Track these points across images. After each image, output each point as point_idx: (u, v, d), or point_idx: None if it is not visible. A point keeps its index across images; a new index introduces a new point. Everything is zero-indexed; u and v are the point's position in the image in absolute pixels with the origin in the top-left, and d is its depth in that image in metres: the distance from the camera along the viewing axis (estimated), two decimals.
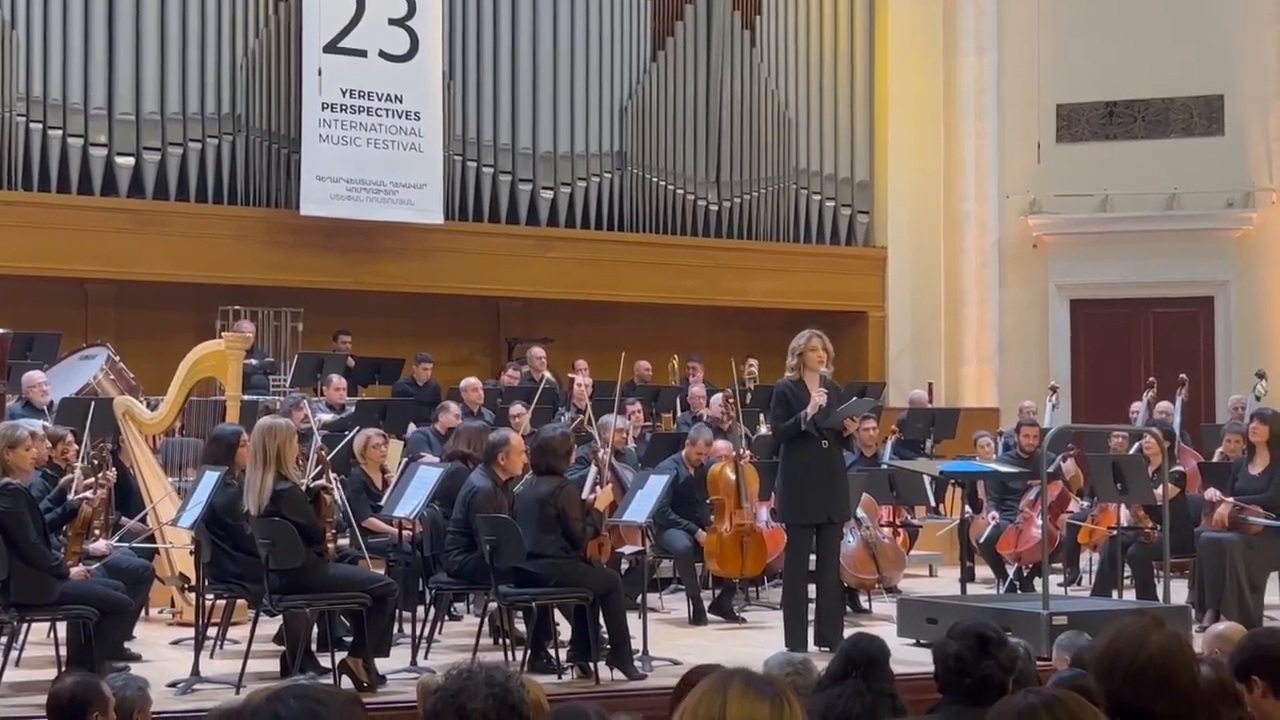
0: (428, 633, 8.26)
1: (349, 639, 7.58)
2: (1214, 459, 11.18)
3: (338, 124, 14.09)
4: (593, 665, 7.63)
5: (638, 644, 7.84)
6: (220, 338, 10.69)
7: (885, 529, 10.63)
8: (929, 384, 16.23)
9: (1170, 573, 9.26)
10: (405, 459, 10.25)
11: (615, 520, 8.80)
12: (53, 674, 6.60)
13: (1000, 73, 16.99)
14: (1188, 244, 16.47)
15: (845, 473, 8.95)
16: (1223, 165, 16.45)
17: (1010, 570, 11.10)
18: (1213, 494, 9.76)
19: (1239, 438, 10.20)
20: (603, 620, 7.66)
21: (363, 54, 14.25)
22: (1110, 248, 16.58)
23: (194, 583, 7.87)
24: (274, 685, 2.20)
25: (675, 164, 16.07)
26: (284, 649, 7.54)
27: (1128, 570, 10.11)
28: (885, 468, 11.42)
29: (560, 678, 7.61)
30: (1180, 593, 9.80)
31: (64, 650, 7.32)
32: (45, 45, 13.39)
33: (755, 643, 8.78)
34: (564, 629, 8.04)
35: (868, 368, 16.62)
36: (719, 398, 12.16)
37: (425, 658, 7.94)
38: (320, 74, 13.98)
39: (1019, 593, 10.67)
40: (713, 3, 16.32)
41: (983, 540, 11.07)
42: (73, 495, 7.89)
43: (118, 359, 11.78)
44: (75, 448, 8.64)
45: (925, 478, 11.32)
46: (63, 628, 7.40)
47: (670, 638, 8.84)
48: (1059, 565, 11.13)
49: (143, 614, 8.47)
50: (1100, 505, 10.77)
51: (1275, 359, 15.95)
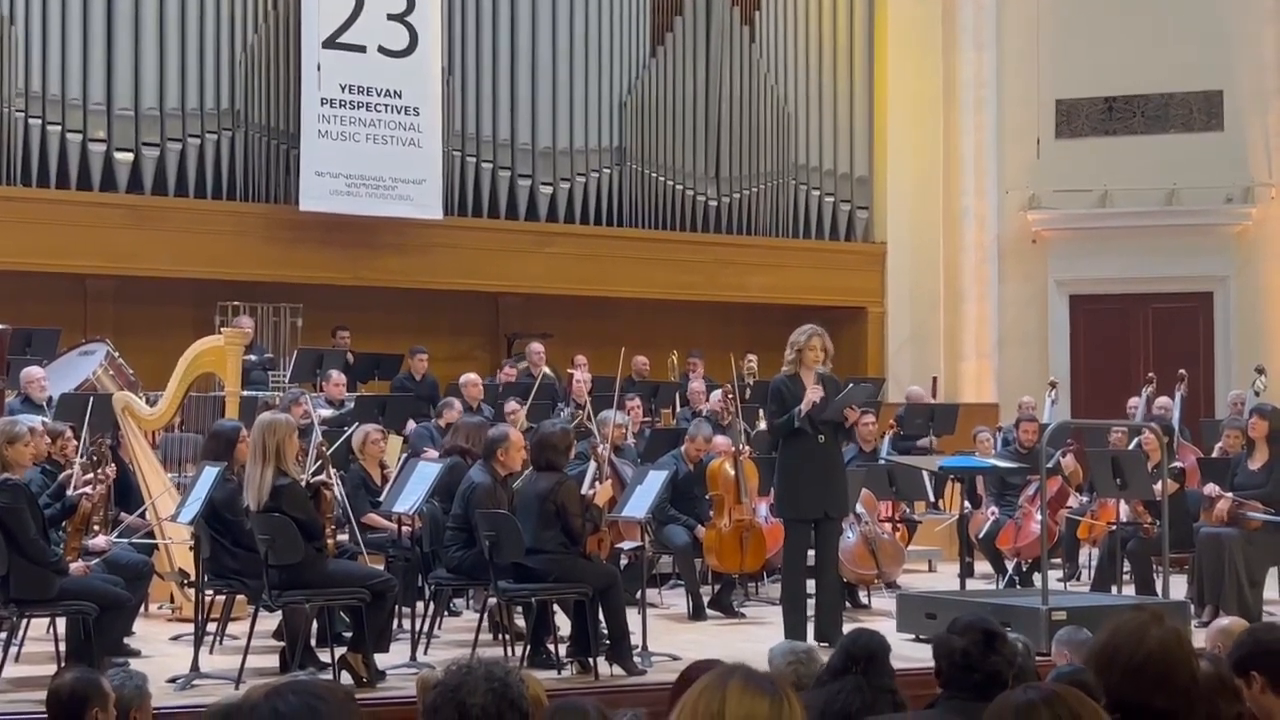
0: (427, 628, 8.27)
1: (348, 634, 7.58)
2: (1213, 454, 11.18)
3: (337, 119, 14.08)
4: (592, 661, 7.63)
5: (637, 639, 7.85)
6: (219, 333, 10.70)
7: (884, 524, 10.63)
8: (933, 378, 16.23)
9: (1169, 568, 9.27)
10: (405, 455, 10.25)
11: (614, 516, 8.81)
12: (52, 670, 6.61)
13: (999, 68, 16.99)
14: (1187, 239, 16.47)
15: (843, 468, 8.95)
16: (1222, 161, 16.46)
17: (1009, 565, 11.11)
18: (1212, 489, 9.77)
19: (1238, 433, 10.20)
20: (602, 616, 7.66)
21: (362, 49, 14.24)
22: (1109, 243, 16.58)
23: (193, 578, 7.87)
24: (273, 681, 2.19)
25: (675, 159, 16.07)
26: (283, 644, 7.55)
27: (1127, 565, 10.12)
28: (884, 463, 11.43)
29: (559, 673, 7.61)
30: (1179, 588, 9.81)
31: (63, 646, 7.32)
32: (44, 41, 13.38)
33: (755, 638, 8.78)
34: (563, 624, 8.04)
35: (867, 363, 16.61)
36: (718, 393, 12.16)
37: (425, 653, 7.95)
38: (319, 69, 13.97)
39: (1018, 588, 10.68)
40: None
41: (982, 535, 11.07)
42: (72, 491, 7.89)
43: (117, 354, 11.78)
44: (74, 443, 8.63)
45: (924, 473, 11.33)
46: (62, 623, 7.39)
47: (669, 633, 8.84)
48: (1058, 560, 11.13)
49: (142, 609, 8.48)
50: (1099, 500, 10.78)
51: (1274, 354, 15.95)
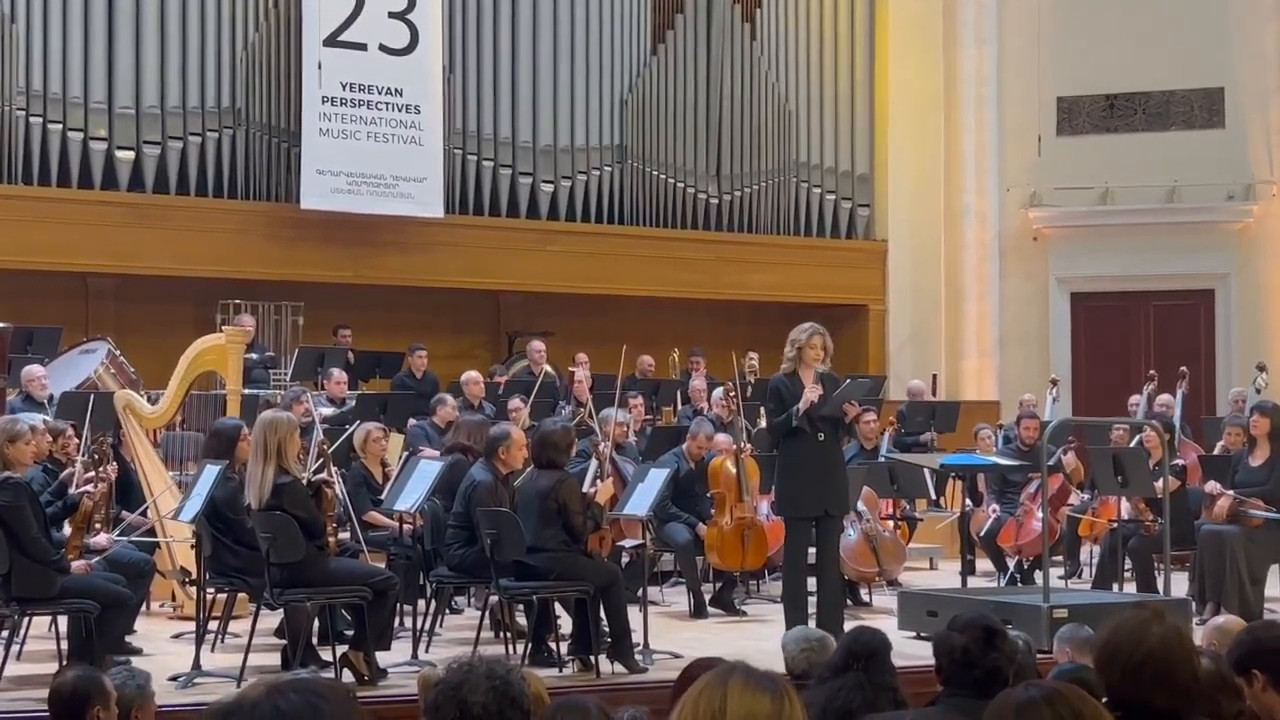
0: (428, 626, 8.27)
1: (350, 633, 7.59)
2: (1214, 452, 11.18)
3: (338, 118, 14.08)
4: (593, 659, 7.63)
5: (638, 637, 7.85)
6: (221, 332, 10.70)
7: (886, 522, 10.63)
8: (933, 375, 16.23)
9: (1170, 565, 9.27)
10: (406, 453, 10.25)
11: (616, 514, 8.81)
12: (54, 668, 6.61)
13: (1000, 65, 16.99)
14: (1188, 237, 16.47)
15: (843, 466, 8.93)
16: (1223, 158, 16.45)
17: (1011, 563, 11.10)
18: (1213, 487, 9.76)
19: (1239, 430, 10.19)
20: (603, 614, 7.66)
21: (363, 47, 14.24)
22: (1111, 240, 16.58)
23: (195, 577, 7.87)
24: (272, 678, 2.19)
25: (675, 157, 16.06)
26: (285, 643, 7.55)
27: (1128, 563, 10.12)
28: (885, 460, 11.42)
29: (561, 671, 7.61)
30: (1180, 585, 9.80)
31: (65, 644, 7.32)
32: (45, 39, 13.38)
33: (756, 636, 8.80)
34: (565, 622, 8.04)
35: (868, 361, 16.61)
36: (720, 392, 12.16)
37: (426, 651, 7.95)
38: (320, 68, 13.97)
39: (1019, 585, 10.67)
40: None
41: (983, 533, 11.07)
42: (73, 489, 7.90)
43: (118, 353, 11.78)
44: (75, 442, 8.63)
45: (926, 471, 11.33)
46: (64, 622, 7.40)
47: (671, 631, 8.84)
48: (1059, 558, 11.12)
49: (144, 608, 8.47)
50: (1101, 498, 10.78)
51: (1275, 352, 15.95)
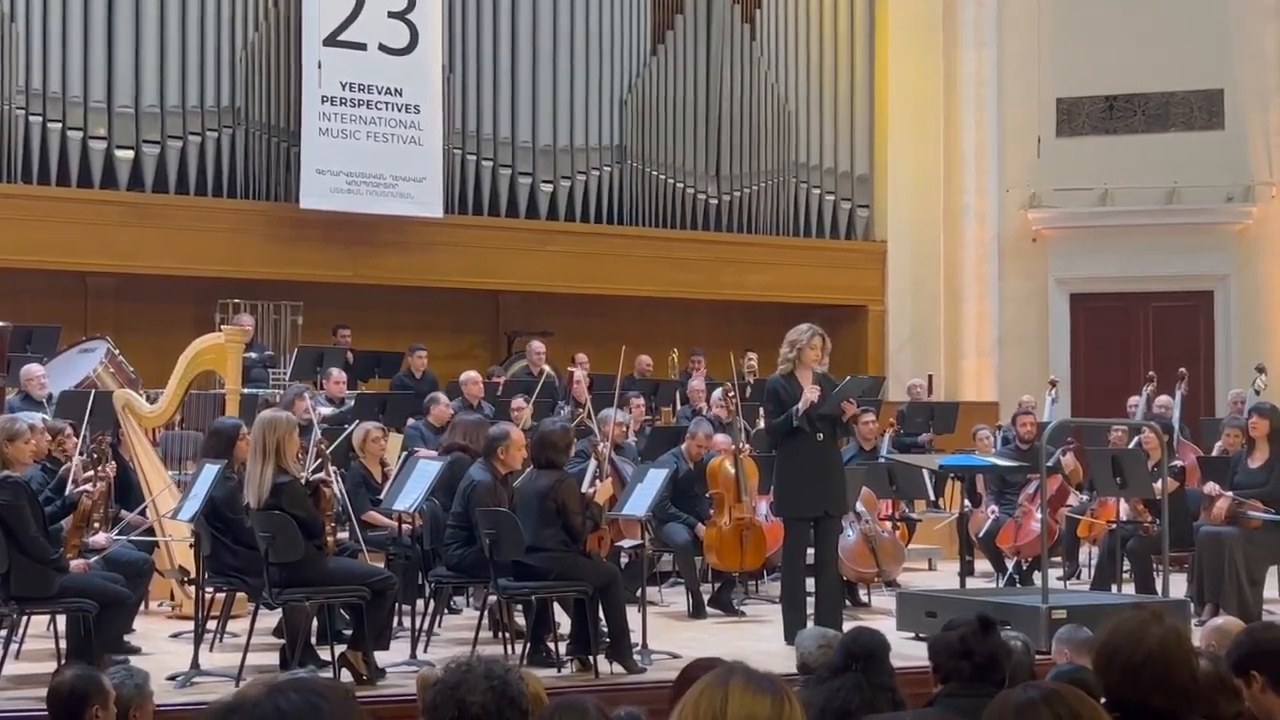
0: (427, 626, 8.27)
1: (348, 632, 7.58)
2: (1213, 453, 11.18)
3: (337, 117, 14.08)
4: (592, 659, 7.63)
5: (637, 637, 7.85)
6: (220, 331, 10.70)
7: (884, 523, 10.63)
8: (929, 376, 16.24)
9: (1169, 567, 9.27)
10: (404, 453, 10.25)
11: (615, 514, 8.81)
12: (52, 667, 6.61)
13: (1000, 66, 16.99)
14: (1187, 238, 16.47)
15: (841, 466, 8.94)
16: (1222, 159, 16.46)
17: (1009, 564, 11.11)
18: (1212, 488, 9.76)
19: (1238, 432, 10.19)
20: (602, 614, 7.66)
21: (362, 47, 14.24)
22: (1110, 242, 16.58)
23: (193, 576, 7.87)
24: (272, 677, 2.19)
25: (675, 158, 16.07)
26: (283, 642, 7.55)
27: (1127, 564, 10.12)
28: (884, 461, 11.43)
29: (559, 671, 7.61)
30: (1179, 587, 9.81)
31: (64, 643, 7.32)
32: (45, 38, 13.38)
33: (754, 636, 8.80)
34: (563, 622, 8.04)
35: (867, 362, 16.61)
36: (719, 392, 12.16)
37: (424, 651, 7.95)
38: (320, 67, 13.97)
39: (1018, 586, 10.68)
40: None
41: (982, 534, 11.07)
42: (71, 485, 7.89)
43: (117, 352, 11.78)
44: (74, 440, 8.63)
45: (925, 471, 11.33)
46: (62, 621, 7.39)
47: (669, 631, 8.83)
48: (1058, 559, 11.13)
49: (142, 607, 8.47)
50: (1099, 499, 10.78)
51: (1274, 353, 15.95)
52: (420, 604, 8.37)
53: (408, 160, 14.36)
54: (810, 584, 8.50)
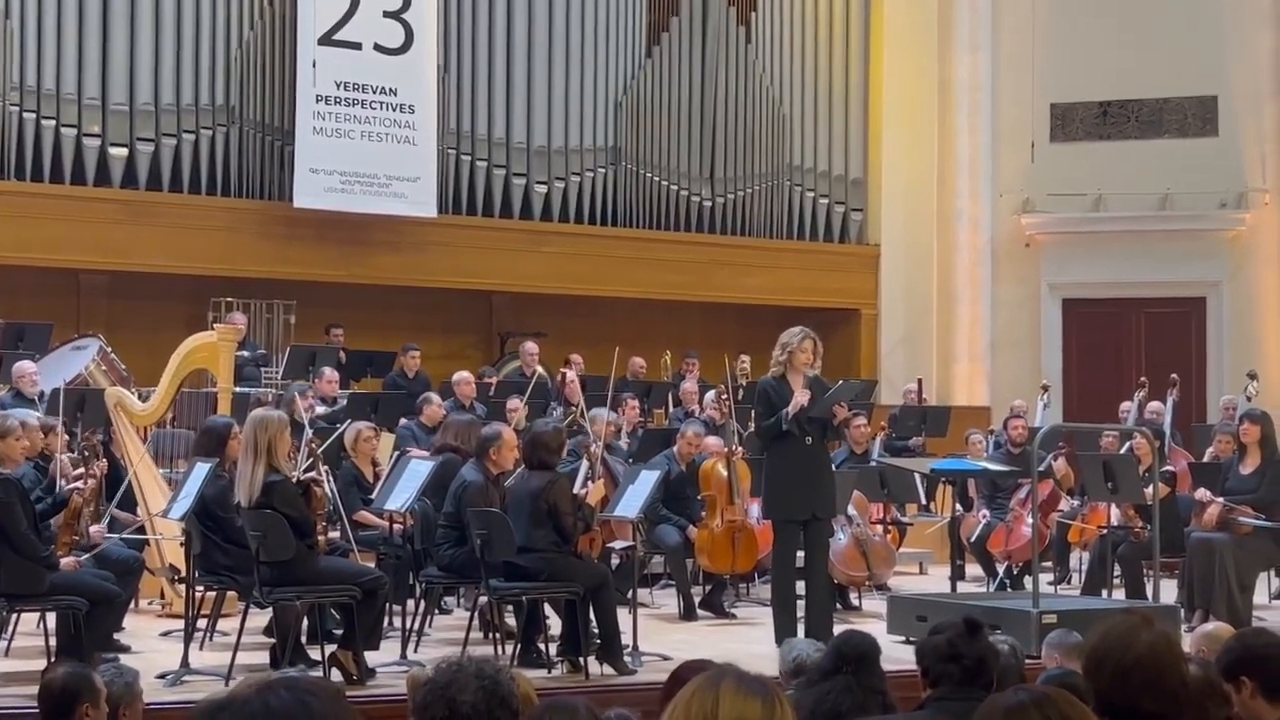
0: (418, 626, 8.27)
1: (339, 632, 7.58)
2: (1204, 459, 11.19)
3: (332, 116, 14.07)
4: (582, 660, 7.63)
5: (628, 639, 7.85)
6: (212, 329, 10.69)
7: (876, 526, 10.63)
8: (919, 380, 16.24)
9: (1160, 572, 9.27)
10: (396, 453, 10.24)
11: (606, 515, 8.81)
12: (42, 665, 6.60)
13: (994, 71, 17.01)
14: (1180, 244, 16.50)
15: (830, 469, 8.94)
16: (1216, 166, 16.48)
17: (1000, 568, 11.12)
18: (1203, 494, 9.77)
19: (1230, 438, 10.20)
20: (593, 615, 7.66)
21: (357, 46, 14.23)
22: (1103, 247, 16.61)
23: (184, 574, 7.86)
24: (261, 676, 2.19)
25: (669, 159, 16.07)
26: (273, 641, 7.54)
27: (1117, 569, 10.13)
28: (876, 465, 11.43)
29: (550, 672, 7.61)
30: (1170, 592, 9.81)
31: (53, 641, 7.31)
32: (39, 35, 13.36)
33: (745, 639, 8.80)
34: (554, 623, 8.04)
35: (860, 365, 16.62)
36: (713, 394, 12.16)
37: (415, 651, 7.94)
38: (315, 66, 13.96)
39: (1009, 591, 10.68)
40: None
41: (973, 538, 11.08)
42: (61, 481, 7.88)
43: (109, 350, 11.77)
44: (64, 438, 8.62)
45: (916, 475, 11.34)
46: (52, 618, 7.38)
47: (660, 633, 8.83)
48: (1049, 564, 11.13)
49: (132, 605, 8.47)
50: (1090, 504, 10.79)
51: (1266, 360, 15.98)
52: (411, 604, 8.37)
53: (402, 160, 14.35)
54: (801, 587, 8.50)
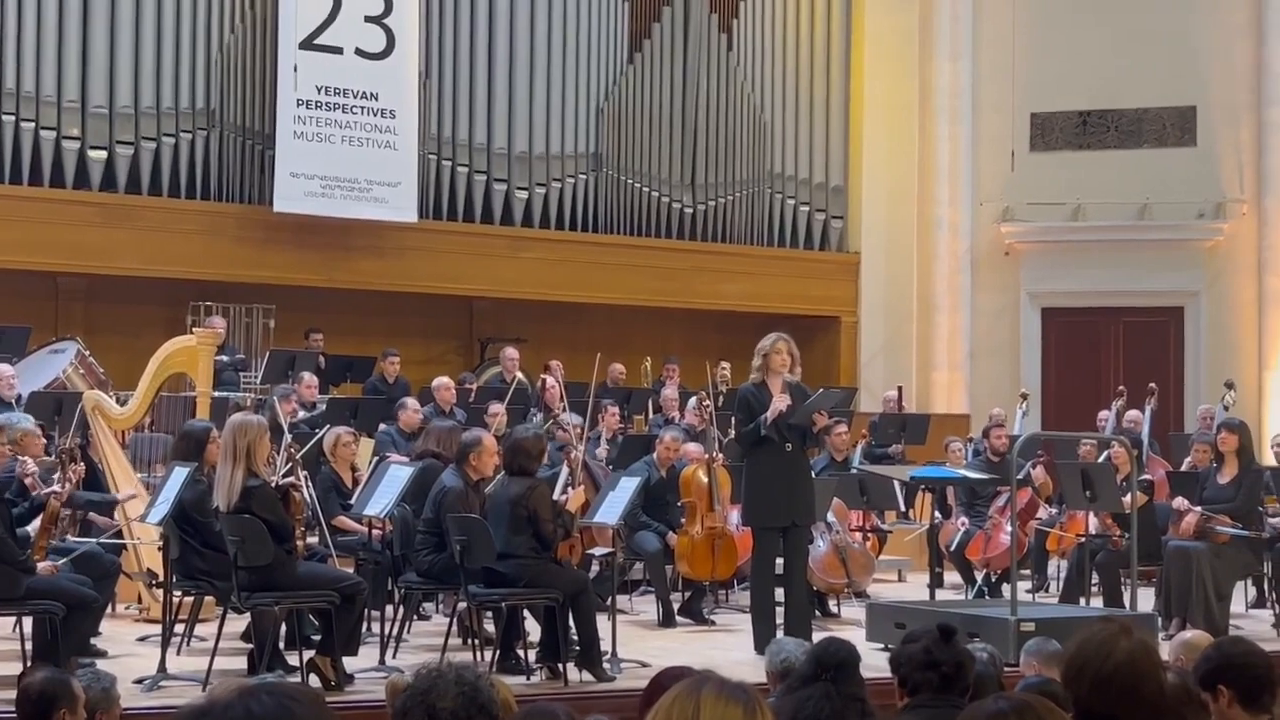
0: (396, 632, 8.25)
1: (317, 637, 7.56)
2: (1182, 468, 11.23)
3: (312, 121, 14.05)
4: (561, 666, 7.62)
5: (607, 646, 7.84)
6: (191, 333, 10.65)
7: (855, 534, 10.64)
8: (899, 387, 16.28)
9: (1137, 580, 9.30)
10: (375, 458, 10.22)
11: (586, 521, 8.80)
12: (18, 669, 6.57)
13: (975, 80, 17.06)
14: (1159, 254, 16.57)
15: (810, 476, 8.95)
16: (1194, 176, 16.56)
17: (979, 576, 11.13)
18: (1180, 503, 9.80)
19: (1207, 447, 10.24)
20: (572, 621, 7.66)
21: (339, 51, 14.21)
22: (1082, 256, 16.67)
23: (161, 579, 7.83)
24: (242, 681, 2.19)
25: (650, 166, 16.08)
26: (251, 647, 7.51)
27: (1095, 577, 10.16)
28: (856, 472, 11.45)
29: (529, 679, 7.60)
30: (1147, 601, 9.84)
31: (29, 645, 7.27)
32: (19, 38, 13.31)
33: (724, 646, 8.81)
34: (533, 630, 8.03)
35: (840, 372, 16.65)
36: (694, 401, 12.16)
37: (394, 657, 7.93)
38: (296, 70, 13.93)
39: (987, 598, 10.70)
40: (690, 5, 16.35)
41: (952, 546, 11.10)
42: (29, 486, 7.83)
43: (87, 353, 11.72)
44: (42, 442, 8.58)
45: (895, 483, 11.35)
46: (29, 622, 7.34)
47: (639, 640, 8.84)
48: (1027, 572, 11.16)
49: (109, 610, 8.43)
50: (1069, 512, 10.82)
51: (1244, 369, 16.05)
52: (390, 610, 8.35)
53: (382, 165, 14.33)
54: (780, 594, 8.51)
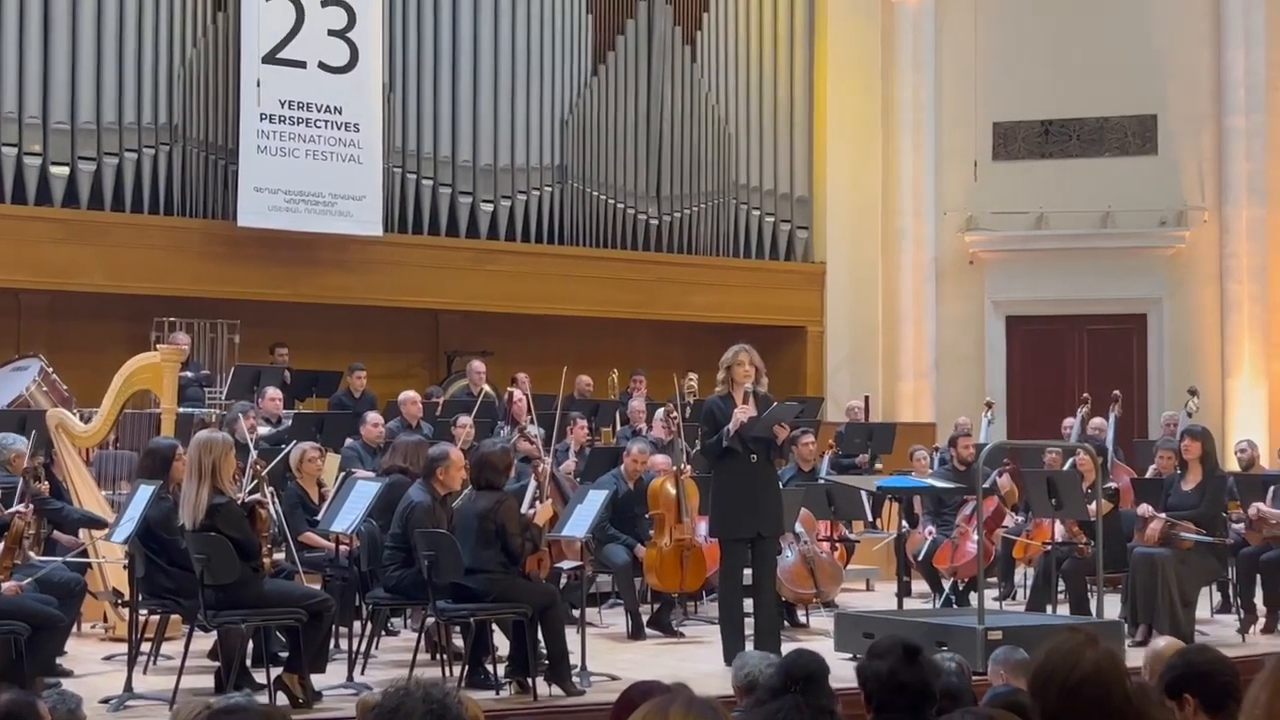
0: (364, 648, 8.23)
1: (285, 655, 7.52)
2: (1147, 475, 11.30)
3: (276, 135, 14.00)
4: (531, 681, 7.60)
5: (576, 659, 7.83)
6: (155, 349, 10.60)
7: (823, 544, 10.67)
8: (864, 397, 16.34)
9: (1104, 588, 9.35)
10: (342, 473, 10.19)
11: (554, 535, 8.79)
12: None
13: (938, 91, 17.16)
14: (1121, 262, 16.69)
15: (777, 487, 8.95)
16: (1156, 184, 16.69)
17: (946, 584, 11.17)
18: (1145, 510, 9.86)
19: (1171, 454, 10.31)
20: (541, 636, 7.65)
21: (302, 65, 14.17)
22: (1045, 265, 16.77)
23: (127, 598, 7.79)
24: (205, 699, 2.18)
25: (615, 178, 16.10)
26: (218, 665, 7.47)
27: (1062, 585, 10.20)
28: (823, 482, 11.47)
29: (498, 694, 7.58)
30: (1113, 607, 9.89)
31: None
32: None
33: (693, 658, 8.81)
34: (502, 644, 8.01)
35: (806, 382, 16.69)
36: (661, 413, 12.17)
37: (362, 674, 7.91)
38: (259, 85, 13.88)
39: (955, 607, 10.74)
40: (654, 17, 16.39)
41: (919, 555, 11.13)
42: None
43: (51, 370, 11.66)
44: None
45: (863, 493, 11.39)
46: None
47: (608, 653, 8.83)
48: (994, 580, 11.21)
49: (75, 629, 8.37)
50: (1035, 520, 10.86)
51: (1206, 376, 16.17)
52: (357, 626, 8.33)
53: (347, 179, 14.30)
54: (748, 605, 8.52)
